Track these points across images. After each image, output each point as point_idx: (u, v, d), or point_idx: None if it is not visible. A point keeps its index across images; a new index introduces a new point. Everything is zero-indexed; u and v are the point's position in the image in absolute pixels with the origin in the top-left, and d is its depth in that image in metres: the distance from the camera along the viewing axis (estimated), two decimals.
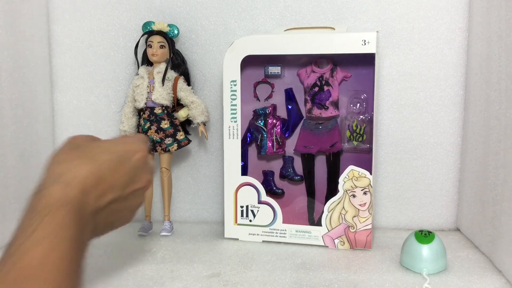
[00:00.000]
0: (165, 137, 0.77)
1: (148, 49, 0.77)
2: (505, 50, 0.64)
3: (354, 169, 0.71)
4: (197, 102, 0.78)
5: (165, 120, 0.77)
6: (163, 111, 0.77)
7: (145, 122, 0.77)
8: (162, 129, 0.77)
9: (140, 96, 0.77)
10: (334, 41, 0.69)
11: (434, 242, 0.63)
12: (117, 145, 0.50)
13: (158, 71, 0.77)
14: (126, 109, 0.79)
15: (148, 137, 0.77)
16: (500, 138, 0.64)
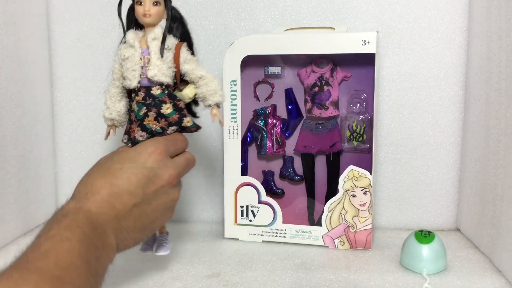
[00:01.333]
0: (168, 125, 0.58)
1: (137, 7, 0.57)
2: (505, 50, 0.64)
3: (354, 169, 0.71)
4: (207, 77, 0.60)
5: (166, 103, 0.58)
6: (163, 92, 0.58)
7: (139, 106, 0.58)
8: (163, 116, 0.58)
9: (131, 73, 0.57)
10: (334, 41, 0.69)
11: (434, 242, 0.63)
12: (129, 151, 0.53)
13: (153, 37, 0.57)
14: (112, 89, 0.60)
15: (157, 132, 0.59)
16: (500, 138, 0.64)
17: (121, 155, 0.53)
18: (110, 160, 0.52)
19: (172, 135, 0.58)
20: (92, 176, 0.51)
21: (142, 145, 0.54)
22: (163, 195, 0.52)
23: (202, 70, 0.60)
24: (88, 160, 0.86)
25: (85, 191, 0.48)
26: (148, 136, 0.58)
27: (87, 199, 0.47)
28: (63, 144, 0.87)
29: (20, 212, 0.77)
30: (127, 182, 0.49)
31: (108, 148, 0.86)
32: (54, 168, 0.88)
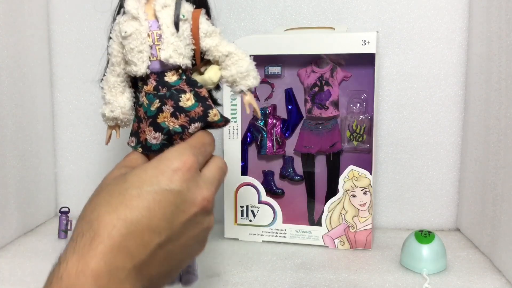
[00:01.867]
0: (190, 122, 0.44)
1: None
2: (505, 50, 0.63)
3: (354, 169, 0.71)
4: (237, 54, 0.46)
5: (186, 92, 0.44)
6: (180, 78, 0.44)
7: (150, 99, 0.44)
8: (183, 110, 0.43)
9: (136, 55, 0.43)
10: (334, 41, 0.69)
11: (434, 242, 0.63)
12: (147, 169, 0.39)
13: (163, 3, 0.43)
14: (111, 78, 0.46)
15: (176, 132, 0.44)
16: (500, 138, 0.64)
17: (136, 175, 0.38)
18: (122, 183, 0.38)
19: (197, 136, 0.44)
20: (98, 209, 0.37)
21: (163, 159, 0.39)
22: (195, 225, 0.40)
23: (228, 45, 0.46)
24: (88, 160, 0.87)
25: (89, 234, 0.35)
26: (163, 138, 0.44)
27: (92, 250, 0.34)
28: (63, 144, 0.87)
29: (20, 212, 0.77)
30: (148, 215, 0.36)
31: (109, 148, 0.86)
32: (54, 168, 0.88)
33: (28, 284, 0.60)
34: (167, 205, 0.37)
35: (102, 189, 0.39)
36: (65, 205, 0.80)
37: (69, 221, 0.77)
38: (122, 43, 0.44)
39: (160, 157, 0.40)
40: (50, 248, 0.72)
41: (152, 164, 0.39)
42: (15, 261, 0.67)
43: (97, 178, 0.89)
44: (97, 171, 0.86)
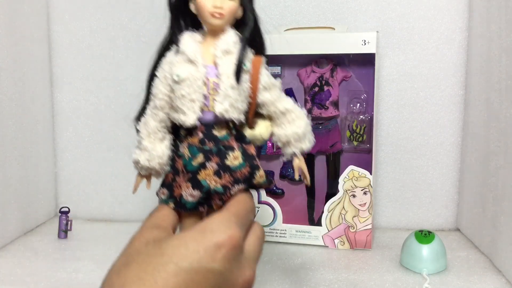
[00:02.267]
0: (233, 183, 0.40)
1: (205, 0, 0.39)
2: (505, 50, 0.64)
3: (354, 169, 0.71)
4: (294, 112, 0.42)
5: (234, 150, 0.40)
6: (229, 132, 0.41)
7: (193, 152, 0.40)
8: (228, 169, 0.40)
9: (187, 104, 0.39)
10: (334, 41, 0.69)
11: (434, 242, 0.63)
12: (187, 240, 0.34)
13: (225, 48, 0.39)
14: (151, 122, 0.41)
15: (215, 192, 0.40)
16: (500, 138, 0.64)
17: (175, 247, 0.33)
18: (157, 255, 0.33)
19: (241, 202, 0.40)
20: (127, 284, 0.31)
21: (206, 231, 0.34)
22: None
23: (286, 100, 0.42)
24: (88, 160, 0.87)
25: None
26: (201, 196, 0.40)
27: None
28: (63, 144, 0.87)
29: (20, 212, 0.77)
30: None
31: (109, 148, 0.86)
32: (54, 168, 0.88)
33: (28, 284, 0.60)
34: (206, 287, 0.33)
35: (133, 258, 0.34)
36: (65, 205, 0.80)
37: (69, 221, 0.77)
38: (172, 86, 0.39)
39: (202, 227, 0.35)
40: (50, 248, 0.72)
41: (193, 235, 0.34)
42: (15, 261, 0.67)
43: (97, 178, 0.90)
44: (97, 171, 0.86)
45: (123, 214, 0.86)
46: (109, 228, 0.81)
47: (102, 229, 0.81)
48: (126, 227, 0.80)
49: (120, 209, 0.86)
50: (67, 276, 0.62)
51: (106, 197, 0.87)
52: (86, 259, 0.68)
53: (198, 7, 0.39)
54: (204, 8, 0.39)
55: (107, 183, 0.86)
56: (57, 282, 0.61)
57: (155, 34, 0.44)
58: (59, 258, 0.69)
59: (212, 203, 0.40)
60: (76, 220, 0.82)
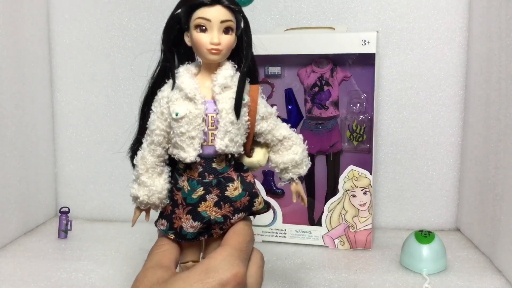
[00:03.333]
0: (234, 212, 0.40)
1: (199, 35, 0.38)
2: (505, 50, 0.64)
3: (354, 169, 0.71)
4: (292, 139, 0.43)
5: (234, 181, 0.41)
6: (228, 164, 0.41)
7: (193, 186, 0.40)
8: (228, 200, 0.40)
9: (187, 141, 0.38)
10: (334, 41, 0.69)
11: (434, 242, 0.63)
12: (192, 285, 0.34)
13: (223, 83, 0.39)
14: (149, 158, 0.40)
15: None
16: (500, 138, 0.64)
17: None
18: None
19: (241, 233, 0.40)
20: None
21: (210, 270, 0.35)
22: None
23: (283, 127, 0.42)
24: (88, 160, 0.87)
25: None
26: (201, 227, 0.40)
27: None
28: (63, 144, 0.87)
29: (20, 212, 0.77)
30: None
31: (109, 148, 0.86)
32: (54, 168, 0.88)
33: (28, 284, 0.60)
34: None
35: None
36: (65, 205, 0.80)
37: (69, 221, 0.77)
38: (171, 124, 0.38)
39: (205, 266, 0.35)
40: (50, 248, 0.72)
41: (197, 276, 0.35)
42: (15, 261, 0.67)
43: (97, 178, 0.90)
44: (97, 171, 0.86)
45: (123, 214, 0.86)
46: (109, 228, 0.81)
47: (102, 229, 0.81)
48: (126, 227, 0.81)
49: (120, 209, 0.86)
50: (67, 276, 0.62)
51: (106, 197, 0.87)
52: (86, 259, 0.68)
53: (195, 42, 0.38)
54: (201, 44, 0.38)
55: (107, 183, 0.86)
56: (57, 282, 0.61)
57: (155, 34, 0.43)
58: (59, 258, 0.69)
59: (213, 233, 0.41)
60: (76, 220, 0.82)
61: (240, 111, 0.38)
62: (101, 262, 0.67)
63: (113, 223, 0.84)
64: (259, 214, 0.43)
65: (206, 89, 0.39)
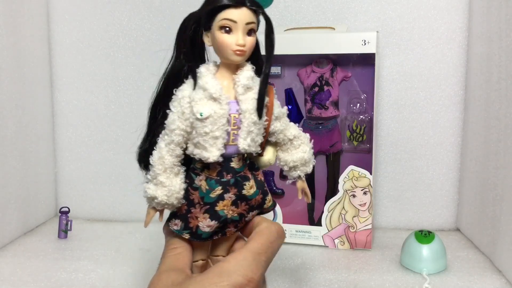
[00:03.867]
0: (248, 210, 0.42)
1: (222, 36, 0.38)
2: (505, 50, 0.64)
3: (354, 169, 0.71)
4: (300, 137, 0.44)
5: (249, 179, 0.41)
6: (244, 163, 0.41)
7: (211, 185, 0.40)
8: (245, 198, 0.41)
9: (210, 141, 0.38)
10: (334, 41, 0.69)
11: (434, 242, 0.63)
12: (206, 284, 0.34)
13: (245, 83, 0.39)
14: (168, 158, 0.40)
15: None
16: (500, 138, 0.64)
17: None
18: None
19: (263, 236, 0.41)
20: None
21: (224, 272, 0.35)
22: None
23: (293, 127, 0.44)
24: (88, 160, 0.87)
25: None
26: (217, 226, 0.40)
27: None
28: (63, 144, 0.87)
29: (20, 212, 0.77)
30: None
31: (109, 148, 0.86)
32: (54, 168, 0.88)
33: (28, 284, 0.60)
34: None
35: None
36: (65, 205, 0.80)
37: (69, 221, 0.77)
38: (193, 124, 0.38)
39: (219, 269, 0.36)
40: (50, 248, 0.72)
41: (211, 279, 0.35)
42: (15, 261, 0.67)
43: (97, 178, 0.90)
44: (97, 171, 0.86)
45: (123, 214, 0.86)
46: (109, 228, 0.81)
47: (102, 229, 0.81)
48: (126, 227, 0.81)
49: (120, 209, 0.86)
50: (67, 276, 0.62)
51: (106, 197, 0.87)
52: (86, 259, 0.68)
53: (219, 43, 0.38)
54: (226, 45, 0.38)
55: (107, 183, 0.86)
56: (57, 282, 0.61)
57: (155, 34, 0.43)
58: (59, 258, 0.69)
59: (226, 231, 0.41)
60: (76, 220, 0.82)
61: (262, 111, 0.39)
62: (101, 262, 0.67)
63: (113, 223, 0.84)
64: (267, 212, 0.44)
65: (228, 89, 0.39)
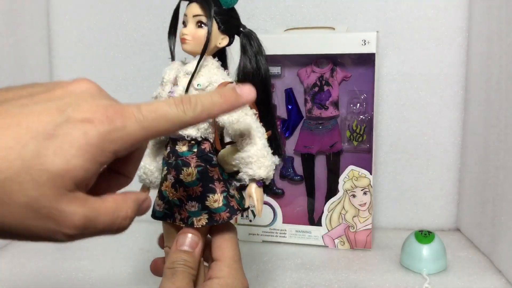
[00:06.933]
0: (187, 199, 0.41)
1: (181, 30, 0.43)
2: (505, 50, 0.64)
3: (354, 169, 0.71)
4: (253, 134, 0.41)
5: (189, 166, 0.41)
6: (190, 150, 0.41)
7: (163, 165, 0.43)
8: (182, 184, 0.41)
9: None
10: (334, 41, 0.69)
11: (434, 242, 0.63)
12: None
13: (186, 70, 0.42)
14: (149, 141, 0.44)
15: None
16: (500, 138, 0.64)
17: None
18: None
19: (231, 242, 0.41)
20: None
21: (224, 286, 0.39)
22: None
23: (248, 124, 0.40)
24: None
25: None
26: (164, 207, 0.42)
27: None
28: None
29: None
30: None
31: None
32: None
33: (28, 284, 0.60)
34: None
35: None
36: None
37: None
38: None
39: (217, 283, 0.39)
40: (50, 248, 0.72)
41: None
42: (15, 261, 0.67)
43: None
44: None
45: None
46: None
47: None
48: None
49: None
50: (67, 276, 0.62)
51: None
52: (86, 259, 0.68)
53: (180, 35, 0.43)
54: (180, 36, 0.42)
55: None
56: (57, 282, 0.61)
57: (155, 34, 0.43)
58: (59, 258, 0.69)
59: (175, 217, 0.42)
60: None
61: (187, 92, 0.41)
62: (101, 262, 0.67)
63: None
64: (220, 220, 0.41)
65: (176, 78, 0.42)
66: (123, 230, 0.29)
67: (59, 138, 0.25)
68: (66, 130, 0.25)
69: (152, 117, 0.28)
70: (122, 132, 0.27)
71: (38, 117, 0.25)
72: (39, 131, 0.25)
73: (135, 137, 0.27)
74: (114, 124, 0.26)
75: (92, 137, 0.25)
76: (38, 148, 0.24)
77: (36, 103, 0.26)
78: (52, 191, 0.24)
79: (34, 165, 0.24)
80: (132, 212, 0.29)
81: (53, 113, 0.25)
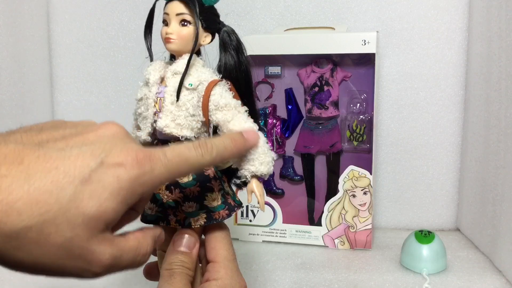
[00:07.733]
0: (184, 200, 0.41)
1: (162, 29, 0.43)
2: (505, 50, 0.64)
3: (354, 169, 0.71)
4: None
5: None
6: None
7: None
8: (178, 185, 0.41)
9: (142, 121, 0.42)
10: (334, 41, 0.69)
11: (434, 242, 0.63)
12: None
13: (174, 70, 0.41)
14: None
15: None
16: (500, 138, 0.64)
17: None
18: None
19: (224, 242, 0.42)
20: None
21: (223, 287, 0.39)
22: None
23: (243, 122, 0.40)
24: None
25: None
26: (158, 210, 0.41)
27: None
28: None
29: None
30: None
31: None
32: None
33: (28, 284, 0.60)
34: None
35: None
36: None
37: None
38: (136, 106, 0.43)
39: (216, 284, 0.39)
40: None
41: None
42: None
43: None
44: None
45: None
46: None
47: None
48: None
49: None
50: None
51: None
52: None
53: (161, 35, 0.43)
54: (162, 36, 0.42)
55: None
56: (57, 282, 0.61)
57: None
58: None
59: (170, 219, 0.41)
60: None
61: (179, 92, 0.40)
62: None
63: None
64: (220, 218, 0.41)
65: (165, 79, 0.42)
66: (143, 265, 0.32)
67: (94, 183, 0.26)
68: (100, 175, 0.27)
69: (176, 161, 0.30)
70: (150, 175, 0.29)
71: (74, 162, 0.26)
72: (75, 175, 0.26)
73: (161, 180, 0.30)
74: (144, 168, 0.28)
75: (124, 180, 0.27)
76: (74, 192, 0.26)
77: (71, 147, 0.27)
78: (86, 232, 0.26)
79: (71, 208, 0.26)
80: (150, 248, 0.32)
81: (87, 157, 0.27)
